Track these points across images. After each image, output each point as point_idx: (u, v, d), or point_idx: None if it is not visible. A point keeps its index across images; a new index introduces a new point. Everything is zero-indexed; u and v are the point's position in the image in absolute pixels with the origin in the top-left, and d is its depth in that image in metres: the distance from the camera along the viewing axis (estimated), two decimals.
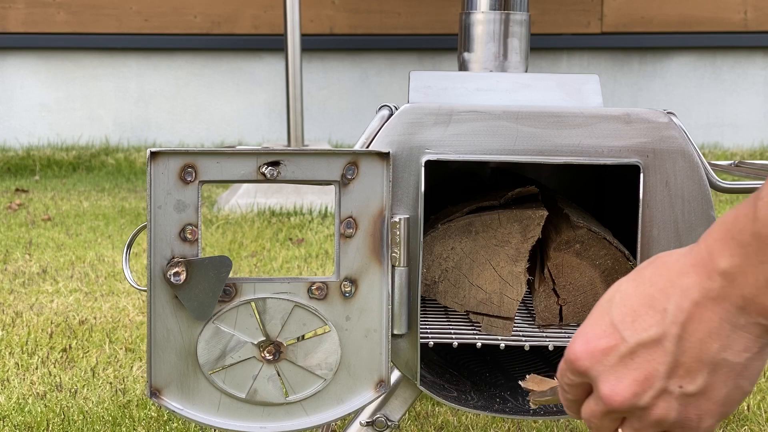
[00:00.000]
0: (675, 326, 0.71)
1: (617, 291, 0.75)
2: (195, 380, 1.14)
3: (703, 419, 0.73)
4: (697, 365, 0.71)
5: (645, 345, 0.72)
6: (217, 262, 1.11)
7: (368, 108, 5.35)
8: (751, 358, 0.71)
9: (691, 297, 0.71)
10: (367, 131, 1.16)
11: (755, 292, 0.68)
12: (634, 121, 1.16)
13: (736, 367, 0.71)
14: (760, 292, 0.68)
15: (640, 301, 0.73)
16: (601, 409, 0.76)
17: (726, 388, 0.72)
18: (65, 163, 4.88)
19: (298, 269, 2.85)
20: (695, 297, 0.70)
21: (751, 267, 0.67)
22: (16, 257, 2.97)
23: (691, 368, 0.72)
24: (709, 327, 0.70)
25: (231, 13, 5.31)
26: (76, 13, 5.28)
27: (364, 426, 1.27)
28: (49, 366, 2.03)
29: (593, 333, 0.75)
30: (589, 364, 0.74)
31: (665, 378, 0.72)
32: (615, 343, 0.73)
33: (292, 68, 3.92)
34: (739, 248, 0.68)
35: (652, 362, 0.72)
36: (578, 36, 5.34)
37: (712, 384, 0.72)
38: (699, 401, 0.73)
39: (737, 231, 0.68)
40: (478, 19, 1.37)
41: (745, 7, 5.29)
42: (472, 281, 1.24)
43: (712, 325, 0.70)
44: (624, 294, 0.74)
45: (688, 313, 0.71)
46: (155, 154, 1.10)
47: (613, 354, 0.73)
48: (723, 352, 0.70)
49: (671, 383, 0.72)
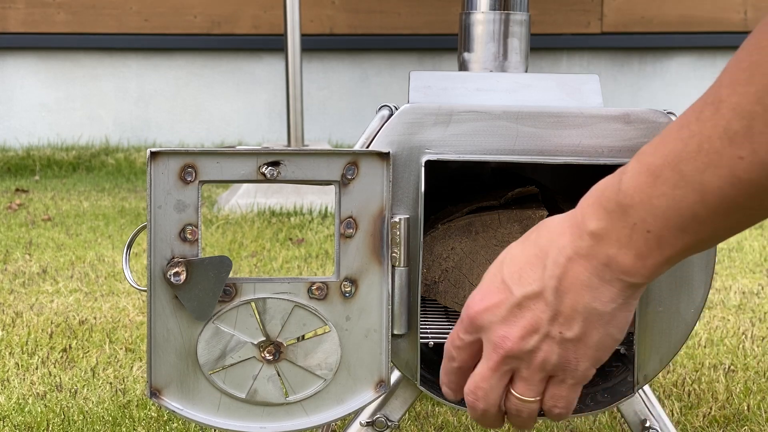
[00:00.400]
0: (552, 279, 0.82)
1: (507, 253, 0.86)
2: (195, 380, 1.15)
3: (580, 362, 0.84)
4: (573, 314, 0.82)
5: (529, 297, 0.83)
6: (217, 262, 1.11)
7: (368, 108, 5.35)
8: (616, 308, 0.81)
9: (565, 254, 0.81)
10: (367, 131, 1.16)
11: (616, 252, 0.79)
12: (634, 121, 1.16)
13: (605, 316, 0.82)
14: (620, 252, 0.78)
15: (525, 260, 0.84)
16: (492, 362, 0.86)
17: (598, 334, 0.83)
18: (65, 163, 4.88)
19: (298, 269, 2.85)
20: (569, 253, 0.81)
21: (614, 231, 0.78)
22: (16, 257, 2.97)
23: (569, 316, 0.82)
24: (581, 280, 0.81)
25: (231, 13, 5.31)
26: (76, 13, 5.28)
27: (364, 426, 1.27)
28: (49, 366, 2.03)
29: (488, 290, 0.86)
30: (485, 316, 0.85)
31: (548, 324, 0.83)
32: (505, 297, 0.84)
33: (292, 68, 3.92)
34: (605, 214, 0.79)
35: (536, 311, 0.83)
36: (578, 36, 5.34)
37: (587, 331, 0.82)
38: (577, 346, 0.83)
39: (605, 198, 0.79)
40: (478, 19, 1.37)
41: (745, 7, 5.29)
42: (472, 281, 1.24)
43: (583, 278, 0.81)
44: (513, 255, 0.85)
45: (563, 267, 0.81)
46: (155, 154, 1.10)
47: (504, 306, 0.84)
48: (593, 302, 0.81)
49: (552, 329, 0.83)
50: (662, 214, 0.76)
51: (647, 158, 0.77)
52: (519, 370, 0.86)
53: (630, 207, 0.77)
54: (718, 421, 1.75)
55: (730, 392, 1.88)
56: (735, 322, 2.34)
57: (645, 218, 0.76)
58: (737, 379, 1.96)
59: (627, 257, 0.78)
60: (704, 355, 2.10)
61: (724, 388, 1.90)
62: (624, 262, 0.79)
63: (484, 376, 0.88)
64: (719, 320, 2.36)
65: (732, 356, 2.09)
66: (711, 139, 0.73)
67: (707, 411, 1.79)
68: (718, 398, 1.85)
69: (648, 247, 0.77)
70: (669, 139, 0.76)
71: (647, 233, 0.77)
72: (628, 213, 0.77)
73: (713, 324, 2.33)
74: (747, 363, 2.05)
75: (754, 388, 1.90)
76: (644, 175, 0.76)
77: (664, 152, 0.76)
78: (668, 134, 0.76)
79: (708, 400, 1.84)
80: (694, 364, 2.04)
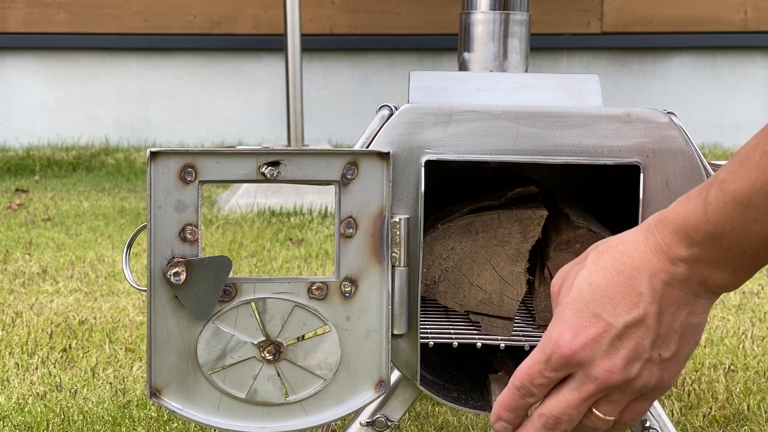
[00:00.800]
0: (653, 305, 0.83)
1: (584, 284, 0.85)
2: (195, 380, 1.14)
3: (672, 378, 0.87)
4: (670, 333, 0.84)
5: (630, 325, 0.83)
6: (217, 262, 1.11)
7: (368, 108, 5.35)
8: (705, 316, 0.86)
9: (660, 279, 0.83)
10: (367, 131, 1.16)
11: (710, 272, 0.82)
12: (634, 121, 1.16)
13: (698, 327, 0.85)
14: (714, 272, 0.82)
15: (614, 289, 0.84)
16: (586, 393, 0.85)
17: (689, 346, 0.86)
18: (65, 163, 4.88)
19: (298, 269, 2.85)
20: (664, 279, 0.83)
21: (707, 255, 0.81)
22: (16, 257, 2.97)
23: (666, 337, 0.84)
24: (679, 301, 0.83)
25: (231, 13, 5.31)
26: (76, 13, 5.28)
27: (364, 426, 1.27)
28: (49, 366, 2.03)
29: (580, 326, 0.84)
30: (584, 354, 0.84)
31: (650, 349, 0.84)
32: (604, 330, 0.83)
33: (292, 68, 3.92)
34: (695, 242, 0.81)
35: (638, 338, 0.83)
36: (578, 36, 5.34)
37: (681, 346, 0.85)
38: (671, 364, 0.85)
39: (691, 228, 0.81)
40: (478, 19, 1.36)
41: (745, 7, 5.29)
42: (472, 281, 1.24)
43: (681, 299, 0.83)
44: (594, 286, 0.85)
45: (661, 293, 0.83)
46: (155, 154, 1.10)
47: (605, 339, 0.84)
48: (689, 317, 0.84)
49: (653, 353, 0.84)
50: (757, 238, 0.79)
51: (731, 186, 0.79)
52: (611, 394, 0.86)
53: (722, 234, 0.80)
54: (718, 421, 1.75)
55: (730, 392, 1.88)
56: (735, 322, 2.34)
57: (740, 242, 0.79)
58: (737, 379, 1.95)
59: (723, 275, 0.82)
60: (704, 355, 2.10)
61: (724, 388, 1.90)
62: (720, 279, 0.82)
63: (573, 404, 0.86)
64: (719, 320, 2.36)
65: (732, 356, 2.09)
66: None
67: (707, 411, 1.79)
68: (718, 398, 1.85)
69: (743, 264, 0.81)
70: (752, 167, 0.78)
71: (743, 254, 0.80)
72: (721, 240, 0.80)
73: (713, 324, 2.33)
74: (747, 363, 2.05)
75: (754, 388, 1.90)
76: (732, 204, 0.79)
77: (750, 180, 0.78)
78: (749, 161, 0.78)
79: (708, 400, 1.84)
80: (694, 364, 2.04)
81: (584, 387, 0.85)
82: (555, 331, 0.85)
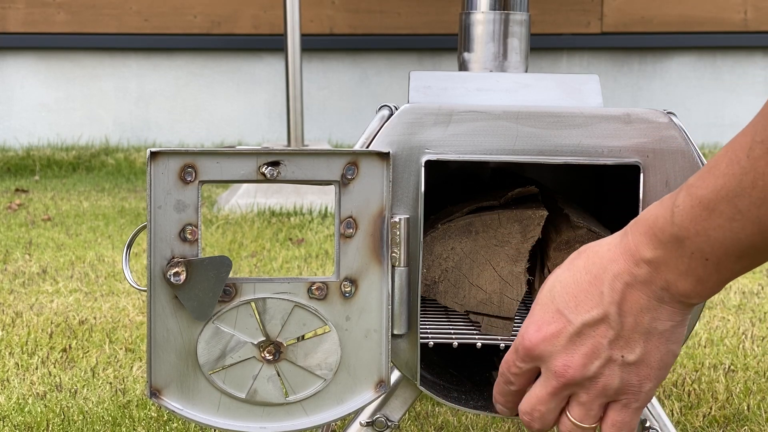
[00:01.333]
0: (613, 305, 0.84)
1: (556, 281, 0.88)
2: (195, 380, 1.14)
3: (643, 383, 0.86)
4: (634, 336, 0.85)
5: (589, 324, 0.85)
6: (217, 262, 1.11)
7: (368, 108, 5.35)
8: (675, 325, 0.85)
9: (622, 280, 0.84)
10: (367, 131, 1.16)
11: (674, 278, 0.82)
12: (634, 121, 1.16)
13: (665, 334, 0.85)
14: (678, 279, 0.82)
15: (579, 288, 0.86)
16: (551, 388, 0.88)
17: (659, 352, 0.85)
18: (65, 163, 4.88)
19: (298, 269, 2.85)
20: (626, 280, 0.84)
21: (672, 260, 0.81)
22: (16, 257, 2.97)
23: (630, 339, 0.85)
24: (641, 304, 0.84)
25: (231, 13, 5.31)
26: (76, 13, 5.28)
27: (364, 426, 1.27)
28: (49, 366, 2.03)
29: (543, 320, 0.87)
30: (543, 347, 0.87)
31: (608, 348, 0.85)
32: (563, 326, 0.86)
33: (292, 68, 3.92)
34: (660, 244, 0.82)
35: (596, 337, 0.85)
36: (578, 36, 5.34)
37: (648, 351, 0.85)
38: (639, 368, 0.86)
39: (658, 229, 0.82)
40: (478, 19, 1.37)
41: (745, 7, 5.29)
42: (472, 281, 1.24)
43: (642, 302, 0.84)
44: (563, 283, 0.87)
45: (621, 293, 0.84)
46: (155, 154, 1.10)
47: (563, 335, 0.86)
48: (653, 322, 0.84)
49: (614, 353, 0.85)
50: (720, 245, 0.79)
51: (698, 191, 0.79)
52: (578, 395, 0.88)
53: (686, 238, 0.80)
54: (718, 421, 1.75)
55: (730, 392, 1.88)
56: (735, 322, 2.34)
57: (702, 248, 0.79)
58: (737, 379, 1.95)
59: (686, 283, 0.82)
60: (704, 355, 2.10)
61: (724, 388, 1.90)
62: (684, 287, 0.82)
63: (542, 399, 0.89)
64: (719, 320, 2.36)
65: (732, 356, 2.09)
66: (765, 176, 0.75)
67: (707, 411, 1.79)
68: (718, 398, 1.85)
69: (707, 273, 0.81)
70: (718, 173, 0.78)
71: (705, 260, 0.80)
72: (685, 244, 0.80)
73: (713, 324, 2.33)
74: (747, 363, 2.05)
75: (754, 388, 1.90)
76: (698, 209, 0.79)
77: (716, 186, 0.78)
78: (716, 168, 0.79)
79: (708, 400, 1.84)
80: (694, 364, 2.04)
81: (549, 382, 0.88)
82: (524, 324, 0.90)
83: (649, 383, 0.86)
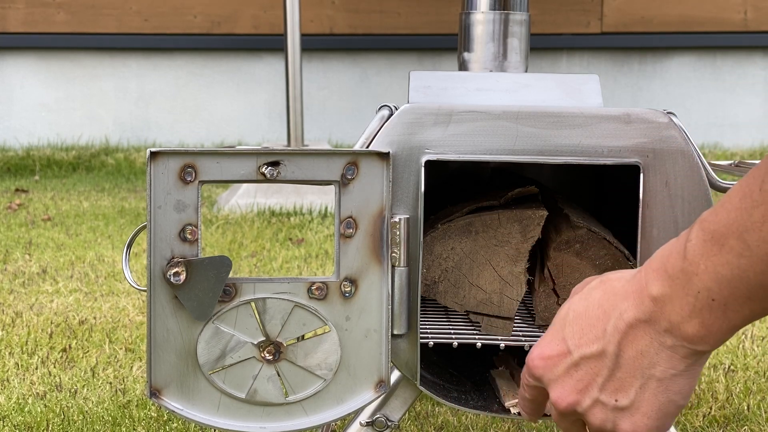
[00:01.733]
0: (612, 344, 0.80)
1: (570, 309, 0.85)
2: (195, 380, 1.14)
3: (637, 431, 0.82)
4: (630, 380, 0.80)
5: (587, 358, 0.82)
6: (217, 262, 1.11)
7: (368, 108, 5.35)
8: (676, 375, 0.80)
9: (626, 318, 0.80)
10: (367, 131, 1.16)
11: (679, 320, 0.77)
12: (634, 121, 1.16)
13: (663, 382, 0.80)
14: (683, 320, 0.77)
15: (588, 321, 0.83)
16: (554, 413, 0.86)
17: (657, 402, 0.81)
18: (65, 163, 4.88)
19: (298, 269, 2.85)
20: (629, 318, 0.80)
21: (678, 298, 0.77)
22: (16, 257, 2.97)
23: (625, 382, 0.81)
24: (641, 346, 0.79)
25: (231, 13, 5.31)
26: (76, 13, 5.28)
27: (364, 426, 1.27)
28: (49, 366, 2.03)
29: (548, 344, 0.85)
30: (542, 371, 0.85)
31: (599, 389, 0.82)
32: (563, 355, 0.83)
33: (292, 68, 3.92)
34: (669, 279, 0.77)
35: (591, 374, 0.82)
36: (578, 36, 5.34)
37: (643, 398, 0.80)
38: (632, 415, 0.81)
39: (669, 265, 0.78)
40: (478, 19, 1.37)
41: (745, 7, 5.29)
42: (472, 281, 1.24)
43: (643, 344, 0.79)
44: (576, 313, 0.84)
45: (622, 333, 0.80)
46: (155, 154, 1.10)
47: (562, 364, 0.84)
48: (651, 368, 0.79)
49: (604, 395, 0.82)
50: (728, 283, 0.74)
51: (710, 226, 0.76)
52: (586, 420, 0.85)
53: (694, 275, 0.76)
54: (718, 421, 1.75)
55: (730, 392, 1.88)
56: None
57: (710, 286, 0.75)
58: (737, 379, 1.95)
59: (691, 326, 0.77)
60: None
61: (724, 388, 1.90)
62: (688, 330, 0.77)
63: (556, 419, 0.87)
64: None
65: (732, 356, 2.09)
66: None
67: (707, 411, 1.79)
68: (718, 398, 1.85)
69: (713, 316, 0.76)
70: (731, 207, 0.74)
71: (711, 301, 0.75)
72: (692, 281, 0.76)
73: None
74: (747, 363, 2.05)
75: (754, 388, 1.90)
76: (709, 244, 0.75)
77: (727, 220, 0.74)
78: (729, 202, 0.75)
79: (708, 400, 1.84)
80: None
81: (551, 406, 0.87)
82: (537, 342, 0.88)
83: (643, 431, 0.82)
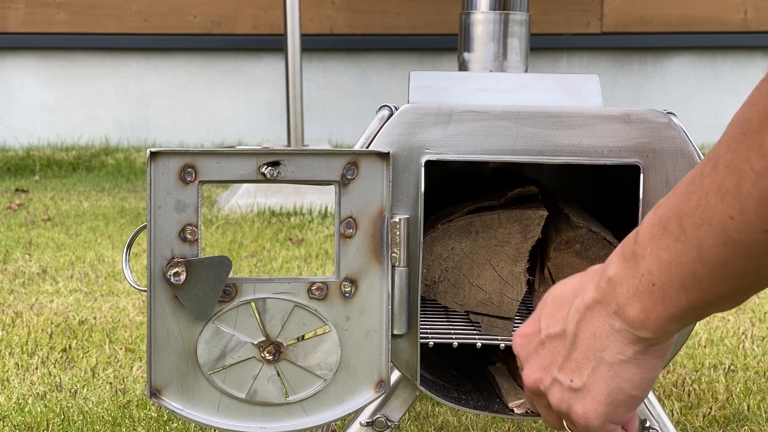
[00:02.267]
0: (572, 324, 0.82)
1: (550, 293, 0.87)
2: (195, 380, 1.14)
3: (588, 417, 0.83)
4: (584, 361, 0.82)
5: (551, 337, 0.84)
6: (217, 262, 1.11)
7: (368, 108, 5.35)
8: (625, 361, 0.80)
9: (586, 299, 0.81)
10: (367, 131, 1.16)
11: (624, 302, 0.78)
12: (634, 121, 1.16)
13: (613, 368, 0.81)
14: (627, 302, 0.78)
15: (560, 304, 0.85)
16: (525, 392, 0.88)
17: (607, 386, 0.81)
18: (65, 163, 4.88)
19: (298, 269, 2.85)
20: (588, 300, 0.81)
21: (626, 279, 0.78)
22: (16, 257, 2.97)
23: (580, 364, 0.82)
24: (594, 327, 0.81)
25: (231, 13, 5.31)
26: (76, 13, 5.28)
27: (364, 426, 1.27)
28: (49, 366, 2.03)
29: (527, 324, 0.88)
30: (518, 348, 0.88)
31: (558, 369, 0.83)
32: (535, 333, 0.87)
33: (292, 68, 3.92)
34: (623, 261, 0.79)
35: (554, 353, 0.84)
36: (578, 36, 5.34)
37: (594, 381, 0.82)
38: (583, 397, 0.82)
39: (625, 247, 0.79)
40: (478, 19, 1.37)
41: (745, 7, 5.29)
42: (472, 281, 1.24)
43: (597, 325, 0.81)
44: (554, 295, 0.87)
45: (581, 313, 0.82)
46: (155, 154, 1.10)
47: (533, 342, 0.87)
48: (602, 351, 0.81)
49: (562, 374, 0.83)
50: (666, 268, 0.75)
51: (660, 210, 0.77)
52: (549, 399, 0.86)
53: (642, 257, 0.77)
54: (718, 421, 1.75)
55: (730, 392, 1.88)
56: (735, 322, 2.34)
57: (652, 270, 0.76)
58: (737, 379, 1.95)
59: (633, 309, 0.78)
60: (704, 355, 2.09)
61: (724, 388, 1.90)
62: (630, 313, 0.78)
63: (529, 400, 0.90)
64: (719, 320, 2.36)
65: (732, 356, 2.09)
66: (708, 196, 0.71)
67: (707, 411, 1.79)
68: (718, 398, 1.85)
69: (652, 300, 0.77)
70: (678, 192, 0.75)
71: (652, 285, 0.76)
72: (639, 263, 0.77)
73: (713, 324, 2.33)
74: (747, 363, 2.05)
75: (754, 388, 1.90)
76: (656, 227, 0.76)
77: (672, 205, 0.75)
78: (679, 187, 0.75)
79: (708, 400, 1.84)
80: (694, 364, 2.04)
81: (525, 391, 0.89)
82: None
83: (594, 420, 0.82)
